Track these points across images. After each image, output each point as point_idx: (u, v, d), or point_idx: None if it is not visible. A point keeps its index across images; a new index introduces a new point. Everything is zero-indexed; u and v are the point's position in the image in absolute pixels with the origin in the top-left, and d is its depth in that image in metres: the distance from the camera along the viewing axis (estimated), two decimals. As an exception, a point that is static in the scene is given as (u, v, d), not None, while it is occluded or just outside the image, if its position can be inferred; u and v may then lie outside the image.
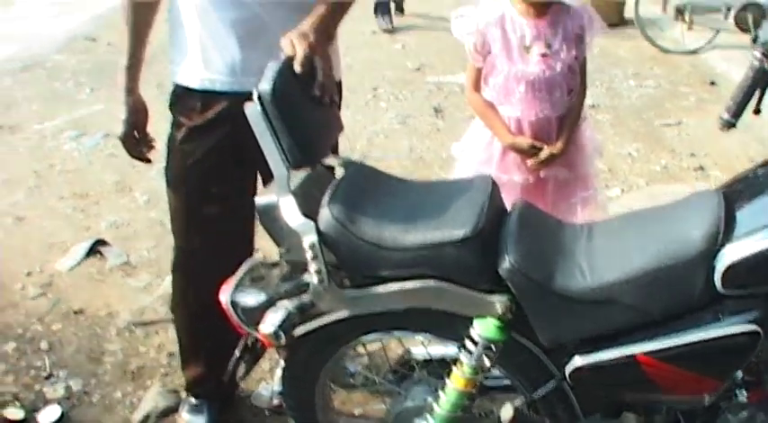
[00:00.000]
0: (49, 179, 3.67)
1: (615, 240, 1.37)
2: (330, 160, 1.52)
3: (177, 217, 1.82)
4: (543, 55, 1.93)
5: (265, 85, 1.28)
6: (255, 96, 1.28)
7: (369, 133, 4.05)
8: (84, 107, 4.60)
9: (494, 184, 1.45)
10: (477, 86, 2.05)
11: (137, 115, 1.77)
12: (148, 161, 1.88)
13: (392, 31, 5.55)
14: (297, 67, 1.34)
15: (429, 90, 4.62)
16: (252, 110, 1.29)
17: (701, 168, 3.62)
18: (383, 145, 3.98)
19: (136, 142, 1.81)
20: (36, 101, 4.82)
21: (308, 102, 1.40)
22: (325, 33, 1.46)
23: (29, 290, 2.73)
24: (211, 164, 1.70)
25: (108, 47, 6.03)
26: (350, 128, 2.43)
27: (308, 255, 1.31)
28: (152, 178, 3.25)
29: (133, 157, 1.84)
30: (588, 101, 2.32)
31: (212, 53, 1.62)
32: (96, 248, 2.96)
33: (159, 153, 1.86)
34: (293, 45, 1.36)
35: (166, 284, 2.38)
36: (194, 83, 1.66)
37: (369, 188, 1.44)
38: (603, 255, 1.34)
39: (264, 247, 1.87)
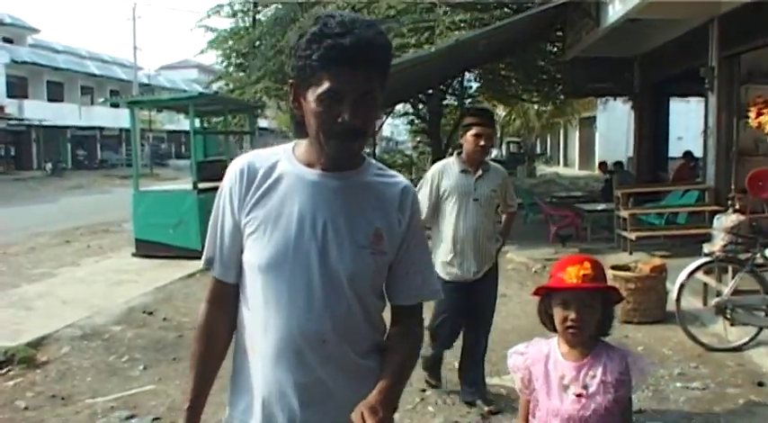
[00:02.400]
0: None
1: None
2: None
3: None
4: (578, 395, 2.02)
5: None
6: None
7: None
8: (136, 385, 4.70)
9: None
10: (525, 418, 2.15)
11: None
12: None
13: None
14: None
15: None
16: None
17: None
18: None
19: None
20: (90, 373, 4.98)
21: None
22: (392, 406, 1.54)
23: None
24: None
25: (164, 322, 6.39)
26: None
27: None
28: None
29: None
30: (634, 404, 2.28)
31: (275, 409, 1.61)
32: None
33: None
34: (363, 420, 1.41)
35: None
36: None
37: None
38: None
39: None
